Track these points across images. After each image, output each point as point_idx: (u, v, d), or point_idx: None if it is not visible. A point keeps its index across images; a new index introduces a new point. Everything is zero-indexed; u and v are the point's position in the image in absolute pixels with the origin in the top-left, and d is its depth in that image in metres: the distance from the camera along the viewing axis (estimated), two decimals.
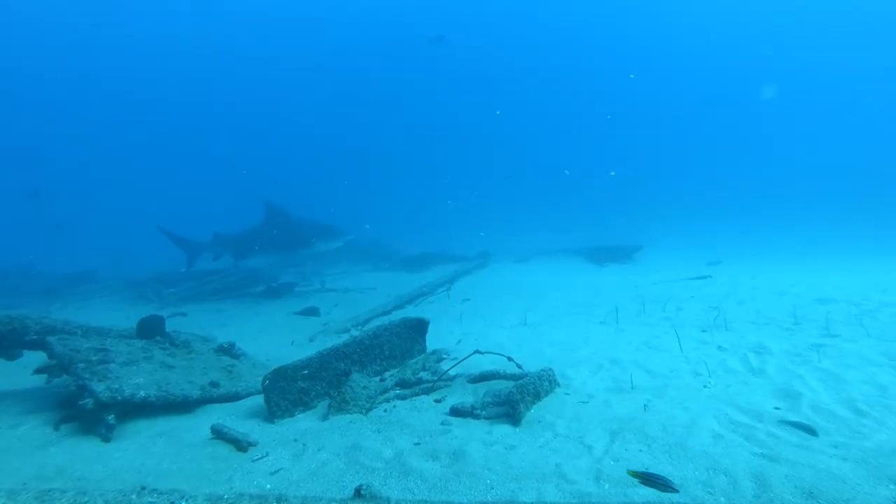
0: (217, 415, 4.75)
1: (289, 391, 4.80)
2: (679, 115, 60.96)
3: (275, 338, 8.47)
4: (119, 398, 4.34)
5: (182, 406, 4.80)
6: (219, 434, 4.12)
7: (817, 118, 58.18)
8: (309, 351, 5.52)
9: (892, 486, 3.04)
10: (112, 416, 4.26)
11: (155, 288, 14.08)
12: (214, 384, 5.20)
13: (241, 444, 3.95)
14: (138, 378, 4.76)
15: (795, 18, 58.02)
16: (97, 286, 16.00)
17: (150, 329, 6.36)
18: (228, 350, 6.39)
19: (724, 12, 58.90)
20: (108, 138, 61.99)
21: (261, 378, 4.76)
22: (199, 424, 4.47)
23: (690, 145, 55.90)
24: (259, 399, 4.91)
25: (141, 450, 4.02)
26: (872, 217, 24.55)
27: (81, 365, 4.70)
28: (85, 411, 4.26)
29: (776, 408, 4.27)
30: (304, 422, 4.58)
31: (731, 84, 62.08)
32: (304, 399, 4.91)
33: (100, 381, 4.46)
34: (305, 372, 4.95)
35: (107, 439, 4.16)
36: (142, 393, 4.52)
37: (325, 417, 4.62)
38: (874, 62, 56.67)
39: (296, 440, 4.14)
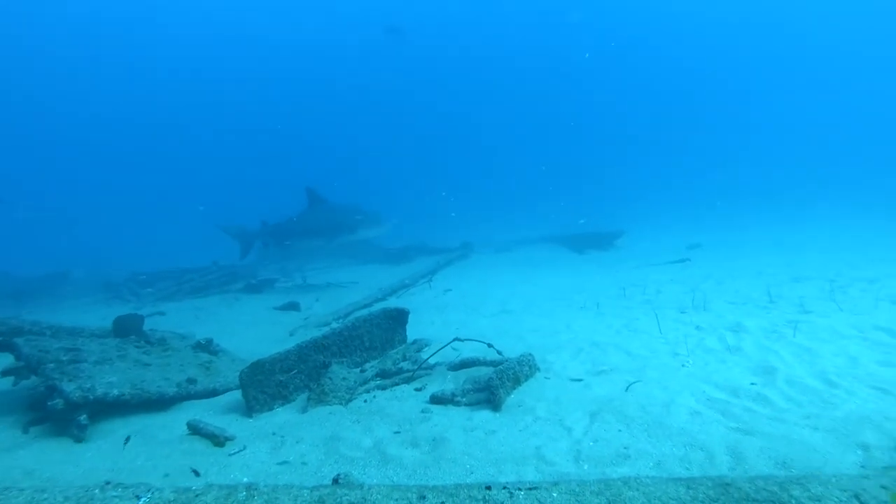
0: (194, 411, 4.68)
1: (267, 385, 4.74)
2: (660, 102, 61.23)
3: (255, 333, 8.39)
4: (91, 398, 4.25)
5: (158, 403, 4.72)
6: (195, 430, 4.06)
7: (797, 107, 58.97)
8: (289, 345, 5.46)
9: (859, 452, 3.10)
10: (84, 416, 4.17)
11: (131, 288, 13.87)
12: (191, 381, 5.13)
13: (218, 439, 3.90)
14: (112, 377, 4.67)
15: (773, 11, 58.71)
16: (70, 288, 15.69)
17: (126, 327, 6.26)
18: (206, 346, 6.30)
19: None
20: (91, 138, 60.84)
21: (238, 373, 4.70)
22: (175, 421, 4.40)
23: (672, 131, 56.25)
24: (237, 394, 4.85)
25: (114, 449, 3.94)
26: (851, 197, 24.96)
27: (51, 365, 4.60)
28: (55, 412, 4.17)
29: (752, 383, 4.31)
30: (282, 415, 4.54)
31: (713, 71, 62.82)
32: (283, 392, 4.86)
33: (70, 380, 4.37)
34: (285, 364, 4.90)
35: (79, 440, 4.08)
36: (115, 391, 4.44)
37: (304, 410, 4.58)
38: (850, 51, 57.62)
39: (274, 433, 4.09)
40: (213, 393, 5.14)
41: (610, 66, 62.66)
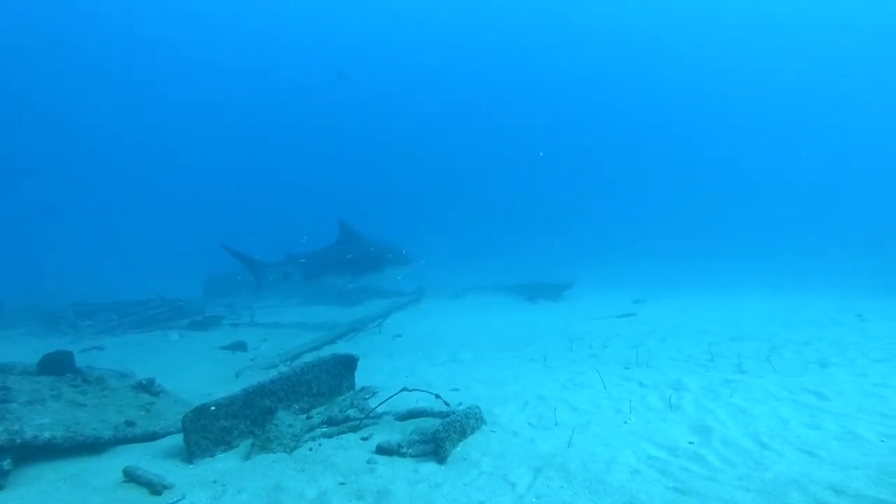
0: (132, 456, 4.52)
1: (210, 430, 4.63)
2: (602, 157, 63.47)
3: (199, 374, 8.17)
4: (18, 441, 4.06)
5: (92, 448, 4.54)
6: (131, 477, 3.93)
7: (739, 157, 61.98)
8: (235, 387, 5.36)
9: None
10: (8, 460, 3.97)
11: (70, 320, 13.31)
12: (130, 423, 4.97)
13: (155, 487, 3.78)
14: (43, 418, 4.48)
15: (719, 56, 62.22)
16: (1, 317, 14.93)
17: (54, 365, 5.96)
18: (147, 387, 6.11)
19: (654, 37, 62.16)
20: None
21: (181, 416, 4.58)
22: (110, 467, 4.24)
23: (616, 187, 58.28)
24: (178, 439, 4.71)
25: (41, 496, 3.77)
26: (790, 254, 26.32)
27: None
28: None
29: (690, 442, 4.46)
30: (225, 462, 4.43)
31: (672, 131, 65.66)
32: (227, 438, 4.75)
33: None
34: (230, 410, 4.80)
35: (0, 487, 3.87)
36: (46, 434, 4.25)
37: (247, 457, 4.49)
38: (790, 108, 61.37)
39: (215, 481, 4.00)
40: (153, 437, 4.98)
41: (569, 122, 64.95)
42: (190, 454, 4.43)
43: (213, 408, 4.65)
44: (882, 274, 19.81)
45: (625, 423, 5.02)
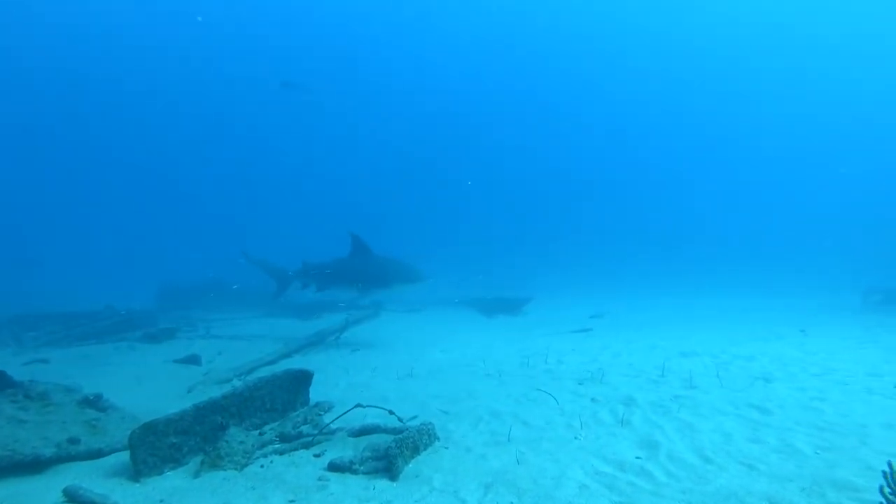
0: (75, 475, 4.41)
1: (159, 447, 4.55)
2: (563, 174, 64.42)
3: (150, 388, 7.97)
4: None
5: (33, 467, 4.41)
6: (72, 497, 3.83)
7: (699, 173, 63.80)
8: (187, 402, 5.26)
9: None
10: None
11: (13, 331, 12.81)
12: (73, 441, 4.83)
13: None
14: None
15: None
16: None
17: None
18: (94, 402, 5.94)
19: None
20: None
21: (129, 433, 4.48)
22: (50, 487, 4.12)
23: (575, 202, 59.26)
24: (125, 456, 4.59)
25: None
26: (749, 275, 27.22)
27: None
28: None
29: (637, 457, 4.58)
30: (173, 480, 4.36)
31: (613, 135, 67.05)
32: (176, 455, 4.67)
33: None
34: (180, 426, 4.72)
35: None
36: None
37: (197, 475, 4.43)
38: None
39: (162, 500, 3.94)
40: (98, 454, 4.85)
41: (527, 133, 65.73)
42: (137, 472, 4.34)
43: (161, 424, 4.56)
44: (827, 291, 20.69)
45: (575, 438, 5.12)
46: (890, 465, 2.92)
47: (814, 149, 59.88)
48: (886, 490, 2.82)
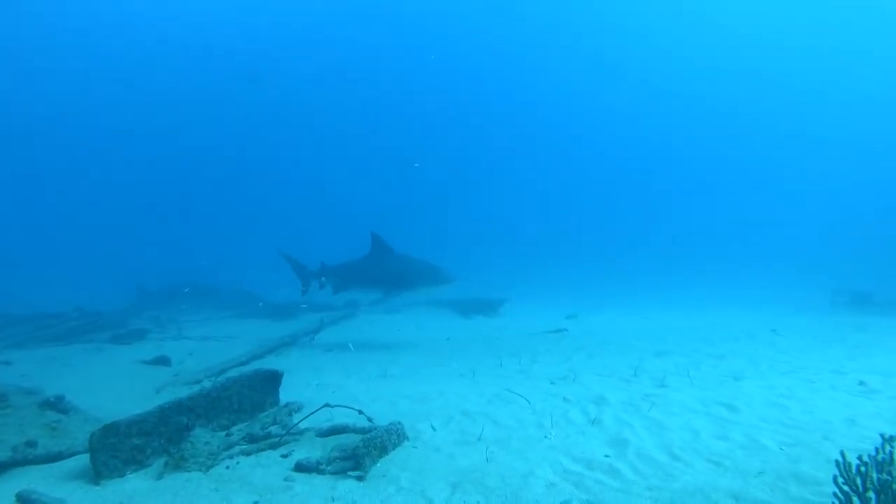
0: (32, 479, 4.29)
1: (120, 449, 4.44)
2: (539, 177, 64.72)
3: (117, 390, 7.79)
4: None
5: None
6: (25, 501, 3.71)
7: (670, 177, 64.49)
8: (154, 404, 5.14)
9: None
10: None
11: None
12: (31, 444, 4.69)
13: None
14: None
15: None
16: None
17: None
18: (55, 404, 5.79)
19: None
20: None
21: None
22: (3, 491, 3.99)
23: (550, 201, 59.56)
24: (86, 459, 4.47)
25: None
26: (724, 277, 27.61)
27: None
28: None
29: (606, 455, 4.58)
30: (135, 482, 4.26)
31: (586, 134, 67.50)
32: (139, 457, 4.56)
33: None
34: (143, 427, 4.61)
35: None
36: None
37: (160, 476, 4.33)
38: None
39: (121, 503, 3.83)
40: (57, 457, 4.72)
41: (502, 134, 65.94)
42: (97, 475, 4.22)
43: (123, 425, 4.45)
44: (800, 289, 21.07)
45: (545, 437, 5.12)
46: (843, 454, 2.96)
47: (789, 153, 61.05)
48: (840, 480, 2.86)
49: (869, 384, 6.73)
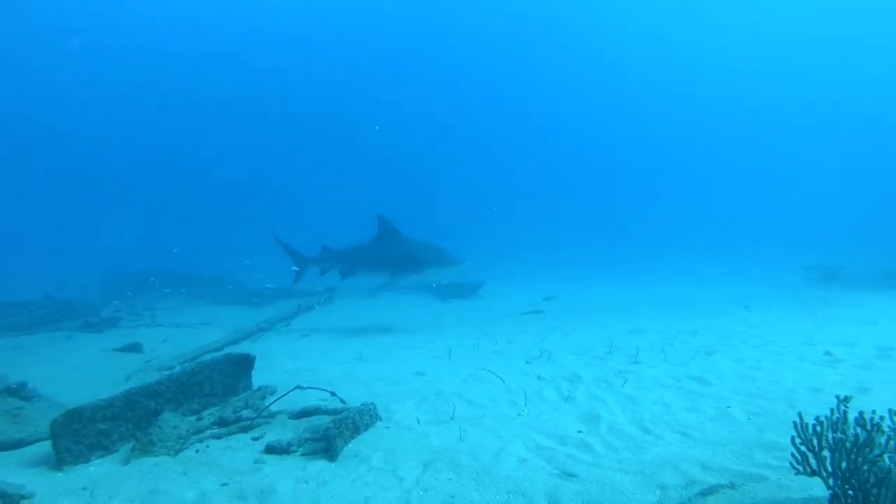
0: None
1: (85, 434, 4.34)
2: (518, 161, 64.85)
3: (86, 377, 7.64)
4: None
5: None
6: None
7: (647, 158, 65.05)
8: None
9: (657, 492, 3.43)
10: None
11: None
12: None
13: (11, 498, 3.48)
14: None
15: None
16: None
17: None
18: (17, 391, 5.66)
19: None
20: None
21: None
22: None
23: (526, 186, 59.77)
24: (49, 446, 4.37)
25: None
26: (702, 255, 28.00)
27: None
28: None
29: (579, 431, 4.61)
30: (100, 467, 4.18)
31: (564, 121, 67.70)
32: (105, 443, 4.47)
33: None
34: (108, 412, 4.52)
35: None
36: None
37: (126, 461, 4.25)
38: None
39: (84, 488, 3.75)
40: (18, 444, 4.62)
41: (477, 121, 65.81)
42: (60, 461, 4.13)
43: (88, 411, 4.36)
44: (774, 266, 21.46)
45: (519, 415, 5.13)
46: (800, 416, 3.01)
47: (771, 142, 62.07)
48: (797, 440, 2.90)
49: (834, 354, 6.87)
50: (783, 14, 57.55)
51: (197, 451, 4.46)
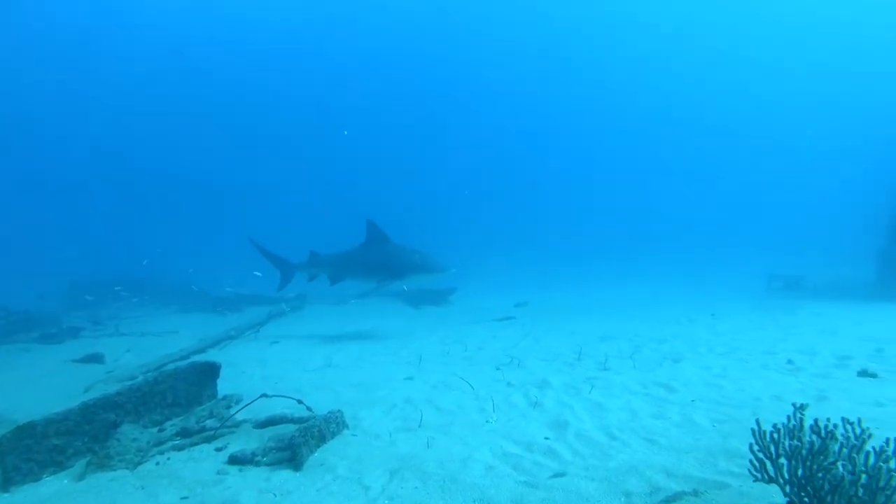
0: None
1: (37, 451, 4.20)
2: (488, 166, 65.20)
3: (42, 390, 7.39)
4: None
5: None
6: None
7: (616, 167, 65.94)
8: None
9: (622, 499, 3.43)
10: None
11: None
12: None
13: None
14: None
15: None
16: None
17: None
18: None
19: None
20: None
21: None
22: None
23: (502, 193, 60.11)
24: None
25: None
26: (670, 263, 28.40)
27: None
28: None
29: (546, 438, 4.61)
30: (52, 485, 4.04)
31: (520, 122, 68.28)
32: (58, 458, 4.34)
33: None
34: (63, 426, 4.38)
35: None
36: None
37: (81, 477, 4.12)
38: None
39: None
40: None
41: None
42: (6, 481, 3.98)
43: (41, 425, 4.21)
44: (739, 276, 21.86)
45: (487, 422, 5.11)
46: (758, 423, 3.05)
47: (741, 155, 63.42)
48: (755, 447, 2.94)
49: (796, 362, 7.00)
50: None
51: (157, 463, 4.34)
